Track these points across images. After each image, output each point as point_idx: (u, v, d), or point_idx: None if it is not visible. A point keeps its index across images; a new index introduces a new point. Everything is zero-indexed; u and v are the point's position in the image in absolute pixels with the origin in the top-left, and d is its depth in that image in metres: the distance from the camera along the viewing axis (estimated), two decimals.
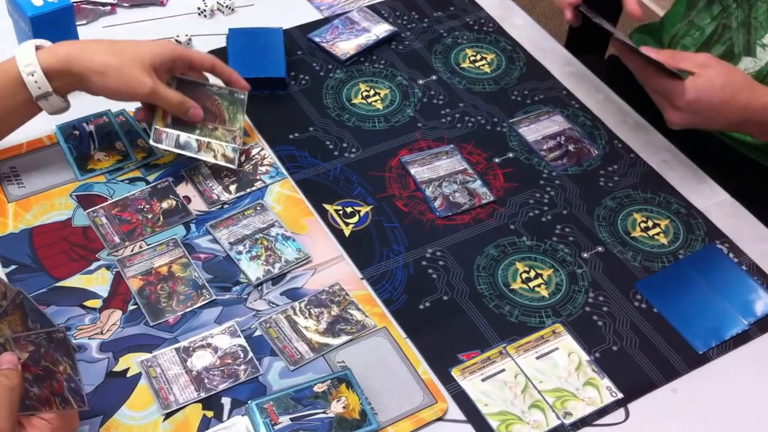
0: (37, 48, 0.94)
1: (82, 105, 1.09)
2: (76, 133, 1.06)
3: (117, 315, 0.90)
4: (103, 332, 0.88)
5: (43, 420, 0.72)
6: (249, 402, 0.82)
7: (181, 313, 0.90)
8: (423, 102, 1.16)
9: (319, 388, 0.83)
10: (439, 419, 0.84)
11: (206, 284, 0.92)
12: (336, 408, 0.82)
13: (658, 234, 1.01)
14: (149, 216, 0.98)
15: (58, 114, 0.99)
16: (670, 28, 1.25)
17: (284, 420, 0.80)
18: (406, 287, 0.94)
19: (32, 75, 0.93)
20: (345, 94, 1.16)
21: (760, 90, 1.00)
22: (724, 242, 1.00)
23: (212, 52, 1.19)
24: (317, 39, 1.23)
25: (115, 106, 1.10)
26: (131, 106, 1.10)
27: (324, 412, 0.81)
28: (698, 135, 1.23)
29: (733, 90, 0.99)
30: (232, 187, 1.02)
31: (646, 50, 0.98)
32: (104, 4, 1.25)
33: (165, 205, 1.00)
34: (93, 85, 0.96)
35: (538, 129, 1.13)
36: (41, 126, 1.07)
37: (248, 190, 1.02)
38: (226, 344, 0.87)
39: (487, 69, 1.21)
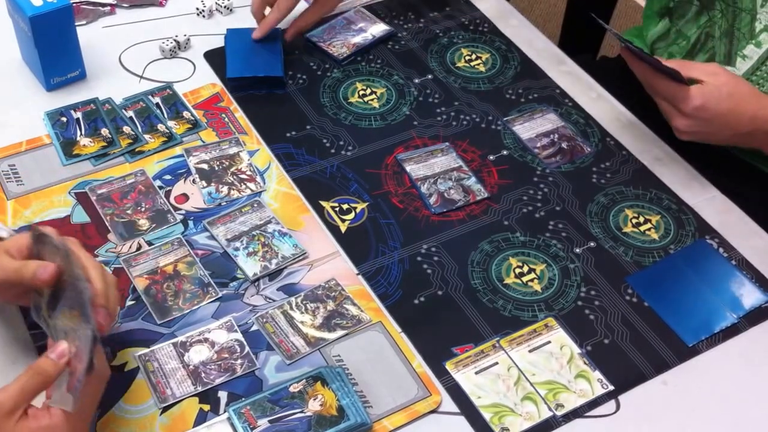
0: None
1: (70, 93, 1.12)
2: (64, 119, 1.08)
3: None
4: None
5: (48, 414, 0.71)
6: (227, 408, 0.83)
7: (188, 311, 0.91)
8: (419, 100, 1.17)
9: (294, 388, 0.84)
10: (433, 412, 0.85)
11: (212, 282, 0.93)
12: (313, 406, 0.82)
13: (649, 230, 1.02)
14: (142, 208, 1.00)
15: None
16: (648, 24, 1.26)
17: (263, 423, 0.81)
18: (401, 282, 0.95)
19: None
20: (342, 92, 1.17)
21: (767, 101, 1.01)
22: (714, 237, 1.01)
23: (210, 52, 1.21)
24: (315, 39, 1.24)
25: (102, 94, 1.12)
26: (117, 96, 1.12)
27: (302, 412, 0.82)
28: None
29: (740, 99, 0.99)
30: None
31: (660, 59, 0.99)
32: (103, 5, 1.26)
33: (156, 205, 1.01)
34: None
35: (532, 127, 1.14)
36: (40, 125, 1.08)
37: None
38: (223, 339, 0.88)
39: (482, 68, 1.22)
